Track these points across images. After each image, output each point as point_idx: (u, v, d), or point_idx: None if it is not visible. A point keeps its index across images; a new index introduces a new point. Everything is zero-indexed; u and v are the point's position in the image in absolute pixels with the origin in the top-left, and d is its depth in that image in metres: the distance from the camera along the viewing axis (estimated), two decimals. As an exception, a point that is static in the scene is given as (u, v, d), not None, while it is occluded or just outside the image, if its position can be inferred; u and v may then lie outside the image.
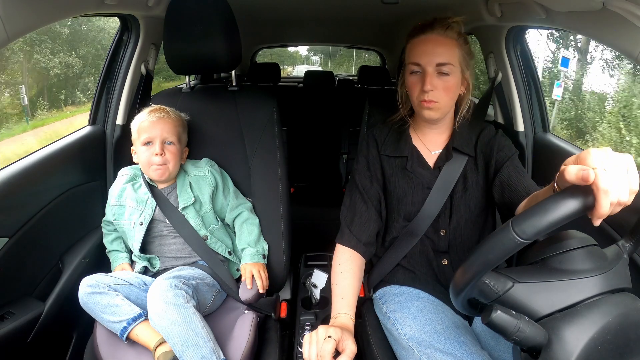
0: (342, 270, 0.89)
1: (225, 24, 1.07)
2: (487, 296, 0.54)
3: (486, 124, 0.98)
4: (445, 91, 0.85)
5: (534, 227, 0.46)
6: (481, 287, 0.53)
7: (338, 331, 0.73)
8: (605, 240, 0.56)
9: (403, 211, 0.94)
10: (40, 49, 6.59)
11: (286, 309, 1.12)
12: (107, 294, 0.89)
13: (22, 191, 0.99)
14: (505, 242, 0.47)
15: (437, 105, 0.86)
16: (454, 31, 0.85)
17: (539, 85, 1.40)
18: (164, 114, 1.06)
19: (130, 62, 1.32)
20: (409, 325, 0.84)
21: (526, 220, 0.46)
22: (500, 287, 0.53)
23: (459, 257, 0.93)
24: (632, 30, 0.70)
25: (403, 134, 0.97)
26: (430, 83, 0.83)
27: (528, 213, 0.47)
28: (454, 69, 0.84)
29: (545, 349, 0.48)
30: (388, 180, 0.96)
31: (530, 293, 0.52)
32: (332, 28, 2.47)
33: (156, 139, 1.02)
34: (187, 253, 1.06)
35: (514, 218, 0.48)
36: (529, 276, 0.53)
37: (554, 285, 0.51)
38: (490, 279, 0.53)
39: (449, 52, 0.84)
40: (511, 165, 0.88)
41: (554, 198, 0.46)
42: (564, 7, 0.88)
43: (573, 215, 0.45)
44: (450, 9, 1.09)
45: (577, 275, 0.51)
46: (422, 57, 0.85)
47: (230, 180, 1.14)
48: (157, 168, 1.02)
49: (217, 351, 0.83)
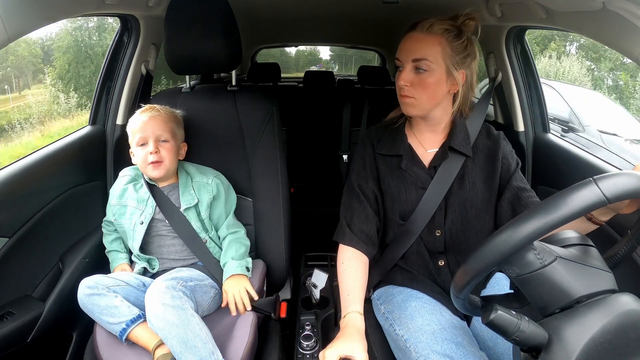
0: (346, 268, 0.90)
1: (225, 24, 1.07)
2: (529, 266, 0.51)
3: (486, 124, 0.97)
4: (422, 88, 0.86)
5: (622, 187, 0.44)
6: (524, 255, 0.50)
7: (346, 348, 0.74)
8: (605, 240, 0.56)
9: (398, 210, 0.94)
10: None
11: (286, 309, 1.12)
12: (106, 296, 0.89)
13: (22, 191, 0.99)
14: (588, 196, 0.44)
15: (413, 102, 0.87)
16: (440, 28, 0.84)
17: (539, 85, 1.40)
18: (154, 112, 1.05)
19: (130, 62, 1.32)
20: (406, 326, 0.84)
21: (612, 179, 0.44)
22: (546, 257, 0.50)
23: (456, 258, 0.93)
24: (632, 30, 0.70)
25: (399, 133, 0.97)
26: (403, 79, 0.86)
27: (612, 175, 0.45)
28: (432, 66, 0.84)
29: (545, 349, 0.48)
30: (382, 180, 0.95)
31: (570, 271, 0.50)
32: (332, 28, 2.47)
33: (149, 138, 1.02)
34: (185, 255, 1.06)
35: (597, 176, 0.46)
36: (568, 255, 0.52)
37: (588, 269, 0.51)
38: (538, 247, 0.51)
39: (428, 49, 0.84)
40: (518, 178, 0.90)
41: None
42: (564, 7, 0.88)
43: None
44: (451, 9, 1.08)
45: (600, 267, 0.52)
46: (401, 53, 0.87)
47: (234, 198, 1.14)
48: (154, 167, 1.02)
49: (215, 352, 0.82)
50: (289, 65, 7.01)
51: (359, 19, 2.15)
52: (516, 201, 0.88)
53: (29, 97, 6.55)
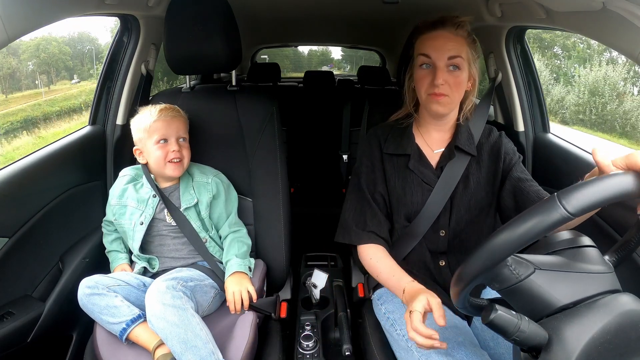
0: (377, 260, 0.91)
1: (225, 24, 1.07)
2: (506, 281, 0.51)
3: (488, 125, 0.98)
4: (456, 86, 0.86)
5: (583, 201, 0.43)
6: (500, 271, 0.51)
7: (421, 303, 0.73)
8: (605, 239, 0.56)
9: (403, 211, 0.94)
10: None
11: (286, 309, 1.12)
12: (106, 295, 0.89)
13: (22, 191, 0.99)
14: (551, 214, 0.44)
15: (446, 100, 0.87)
16: (464, 30, 0.86)
17: (539, 85, 1.40)
18: (175, 112, 1.07)
19: (130, 62, 1.32)
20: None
21: (574, 193, 0.44)
22: (522, 271, 0.50)
23: (457, 258, 0.93)
24: (632, 30, 0.70)
25: (406, 132, 0.97)
26: (441, 77, 0.85)
27: (575, 188, 0.44)
28: (464, 64, 0.86)
29: (545, 349, 0.48)
30: (389, 179, 0.96)
31: (550, 281, 0.50)
32: (332, 28, 2.47)
33: (172, 137, 1.03)
34: (186, 254, 1.06)
35: (560, 191, 0.45)
36: (548, 264, 0.51)
37: (572, 275, 0.50)
38: (512, 262, 0.51)
39: (460, 47, 0.85)
40: (519, 168, 0.90)
41: (610, 176, 0.45)
42: (564, 7, 0.88)
43: (622, 196, 0.43)
44: (450, 9, 1.09)
45: (589, 271, 0.51)
46: (433, 51, 0.86)
47: (236, 197, 1.14)
48: (176, 166, 1.03)
49: (215, 352, 0.82)
50: (301, 65, 7.03)
51: (359, 19, 2.15)
52: (517, 191, 0.88)
53: (59, 92, 6.75)
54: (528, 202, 0.84)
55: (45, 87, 6.39)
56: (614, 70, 5.36)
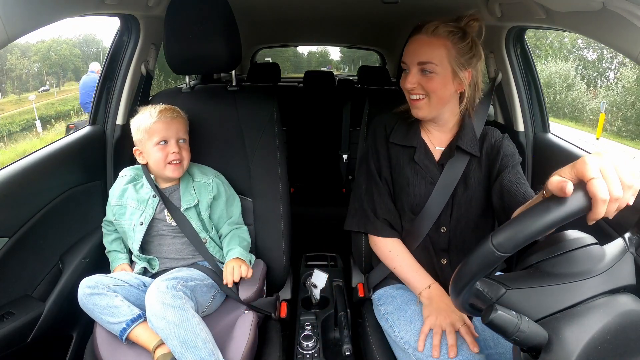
0: (397, 253, 0.94)
1: (225, 24, 1.07)
2: (483, 302, 0.54)
3: (491, 127, 0.98)
4: (431, 90, 0.86)
5: (512, 241, 0.46)
6: (476, 293, 0.54)
7: (457, 322, 0.82)
8: (604, 239, 0.56)
9: (406, 202, 0.95)
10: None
11: (286, 309, 1.12)
12: (106, 295, 0.89)
13: (22, 191, 0.98)
14: (486, 256, 0.48)
15: (423, 103, 0.88)
16: (444, 31, 0.84)
17: (539, 85, 1.40)
18: (175, 113, 1.07)
19: (130, 62, 1.32)
20: (405, 329, 0.84)
21: (504, 234, 0.47)
22: (493, 293, 0.53)
23: (458, 257, 0.93)
24: (632, 30, 0.70)
25: (412, 125, 0.97)
26: (409, 81, 0.87)
27: (506, 227, 0.47)
28: (437, 69, 0.84)
29: (545, 349, 0.48)
30: (393, 168, 0.96)
31: (522, 299, 0.52)
32: (332, 28, 2.47)
33: (172, 138, 1.03)
34: (186, 254, 1.06)
35: (493, 232, 0.48)
36: (521, 282, 0.53)
37: (545, 290, 0.51)
38: (483, 286, 0.53)
39: (433, 52, 0.84)
40: (513, 171, 0.89)
41: (531, 211, 0.46)
42: (564, 7, 0.88)
43: (551, 228, 0.45)
44: (450, 10, 1.08)
45: (570, 278, 0.51)
46: (407, 56, 0.88)
47: (239, 202, 1.14)
48: (176, 167, 1.03)
49: (216, 352, 0.82)
50: (301, 66, 7.09)
51: (358, 19, 2.15)
52: (505, 192, 0.87)
53: (70, 92, 6.87)
54: (514, 204, 0.82)
55: (56, 88, 6.56)
56: (566, 64, 5.99)
